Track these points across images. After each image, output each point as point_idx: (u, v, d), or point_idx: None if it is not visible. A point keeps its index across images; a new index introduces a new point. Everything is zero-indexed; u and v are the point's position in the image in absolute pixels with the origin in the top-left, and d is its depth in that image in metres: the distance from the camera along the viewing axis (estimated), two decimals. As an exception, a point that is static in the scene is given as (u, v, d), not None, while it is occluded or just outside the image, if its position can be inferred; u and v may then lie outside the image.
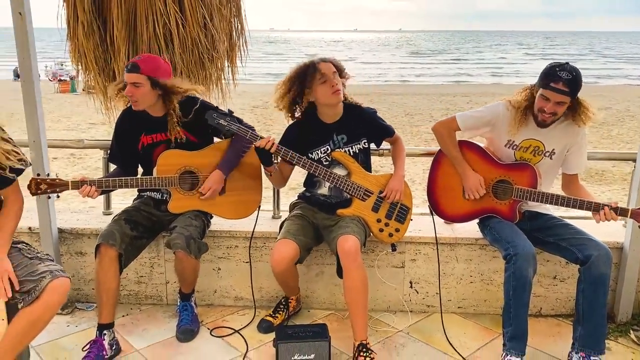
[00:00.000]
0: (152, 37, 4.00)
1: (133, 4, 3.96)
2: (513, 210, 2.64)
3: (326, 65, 2.63)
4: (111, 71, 4.28)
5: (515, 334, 2.44)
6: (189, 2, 4.02)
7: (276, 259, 2.54)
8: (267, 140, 2.55)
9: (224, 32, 4.34)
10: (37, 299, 2.09)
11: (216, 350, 2.66)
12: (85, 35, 4.08)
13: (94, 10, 4.05)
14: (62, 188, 2.50)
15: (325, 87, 2.60)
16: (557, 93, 2.39)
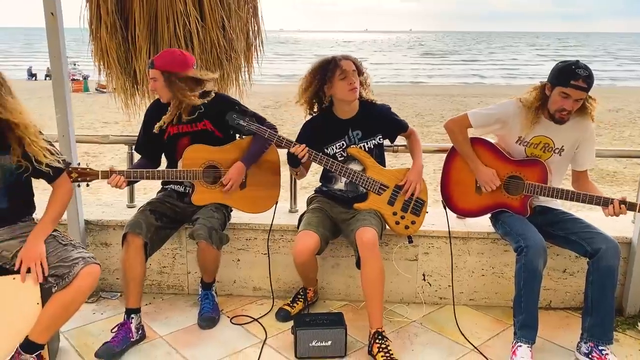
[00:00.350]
0: (172, 37, 4.13)
1: (154, 5, 4.09)
2: (524, 205, 2.73)
3: (347, 62, 2.73)
4: (132, 70, 4.42)
5: (525, 323, 2.52)
6: (208, 4, 4.15)
7: (299, 249, 2.64)
8: (301, 148, 2.67)
9: (241, 32, 4.47)
10: (70, 284, 2.22)
11: (236, 337, 2.77)
12: (109, 35, 4.22)
13: (117, 11, 4.19)
14: (92, 177, 2.63)
15: (344, 83, 2.70)
16: (579, 90, 2.48)
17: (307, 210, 2.90)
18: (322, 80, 2.73)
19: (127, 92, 4.50)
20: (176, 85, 2.76)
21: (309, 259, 2.70)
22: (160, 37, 4.15)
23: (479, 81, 31.10)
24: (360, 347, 2.67)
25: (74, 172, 2.60)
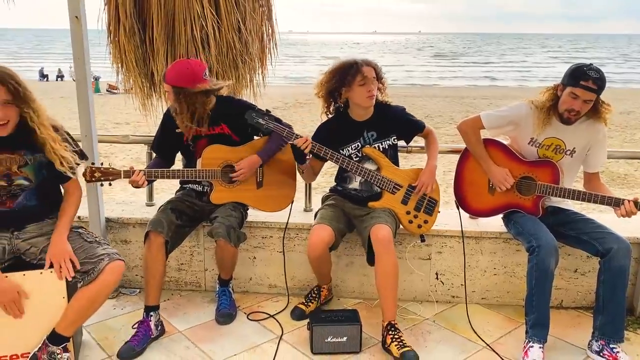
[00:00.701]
0: (189, 40, 4.21)
1: (172, 8, 4.18)
2: (536, 205, 2.78)
3: (368, 69, 2.77)
4: (149, 72, 4.51)
5: (537, 322, 2.57)
6: (225, 7, 4.23)
7: (313, 242, 2.71)
8: (304, 140, 2.73)
9: (256, 35, 4.55)
10: (96, 279, 2.30)
11: (253, 333, 2.84)
12: (127, 38, 4.32)
13: (135, 14, 4.28)
14: (114, 177, 2.70)
15: (363, 89, 2.76)
16: (587, 91, 2.53)
17: (322, 207, 2.97)
18: (341, 82, 2.79)
19: (144, 93, 4.60)
20: (188, 99, 2.82)
21: (323, 252, 2.76)
22: (177, 40, 4.24)
23: (489, 83, 31.01)
24: (374, 344, 2.73)
25: (97, 171, 2.67)
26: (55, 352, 2.32)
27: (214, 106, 2.93)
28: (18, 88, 2.14)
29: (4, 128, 2.18)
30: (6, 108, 2.14)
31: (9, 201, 2.33)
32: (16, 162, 2.30)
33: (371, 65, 2.82)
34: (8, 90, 2.12)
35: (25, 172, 2.33)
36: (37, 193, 2.37)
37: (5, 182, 2.30)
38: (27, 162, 2.32)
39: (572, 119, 2.64)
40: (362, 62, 2.79)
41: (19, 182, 2.32)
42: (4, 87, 2.11)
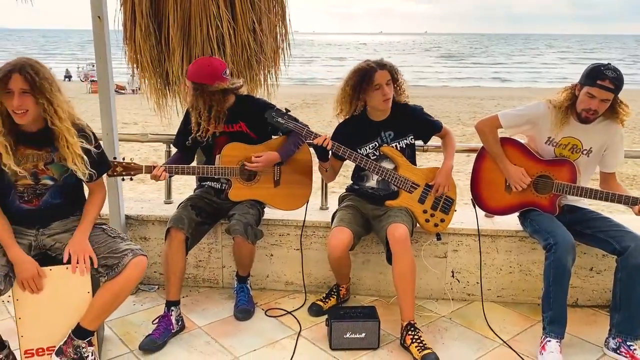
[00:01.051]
0: (205, 40, 4.25)
1: (188, 9, 4.22)
2: (553, 203, 2.80)
3: (382, 74, 2.78)
4: (164, 72, 4.56)
5: (554, 318, 2.59)
6: (240, 8, 4.26)
7: (334, 244, 2.74)
8: (323, 138, 2.77)
9: (270, 35, 4.58)
10: (120, 274, 2.34)
11: (272, 329, 2.87)
12: (143, 38, 4.36)
13: (151, 14, 4.32)
14: (136, 171, 2.75)
15: (378, 94, 2.79)
16: (604, 90, 2.55)
17: (340, 208, 3.00)
18: (358, 90, 2.81)
19: (159, 93, 4.65)
20: (206, 96, 2.87)
21: (343, 255, 2.80)
22: (193, 40, 4.28)
23: (497, 85, 30.93)
24: (392, 340, 2.76)
25: (119, 166, 2.72)
26: (80, 346, 2.37)
27: (233, 104, 2.98)
28: (35, 77, 2.15)
29: (23, 116, 2.20)
30: (23, 97, 2.16)
31: (35, 199, 2.38)
32: (43, 159, 2.34)
33: (385, 68, 2.83)
34: (25, 80, 2.14)
35: (51, 170, 2.36)
36: (62, 191, 2.41)
37: (32, 180, 2.34)
38: (52, 160, 2.36)
39: (590, 118, 2.66)
40: (376, 67, 2.81)
41: (44, 181, 2.36)
42: (21, 77, 2.13)
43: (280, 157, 2.96)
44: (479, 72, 38.75)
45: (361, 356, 2.63)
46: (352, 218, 2.86)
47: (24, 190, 2.34)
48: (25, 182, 2.33)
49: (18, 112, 2.17)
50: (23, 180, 2.32)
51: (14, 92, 2.13)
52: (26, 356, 2.40)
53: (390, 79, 2.83)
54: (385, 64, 2.85)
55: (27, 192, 2.35)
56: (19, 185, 2.33)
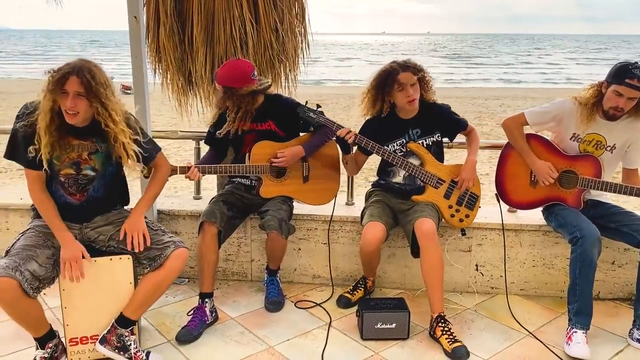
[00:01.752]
0: (228, 40, 4.34)
1: (212, 9, 4.30)
2: (578, 198, 2.87)
3: (405, 75, 2.84)
4: (187, 71, 4.65)
5: (580, 310, 2.66)
6: (263, 8, 4.35)
7: (368, 239, 2.81)
8: (347, 130, 2.85)
9: (292, 34, 4.67)
10: (162, 265, 2.43)
11: (302, 320, 2.96)
12: (167, 37, 4.45)
13: (175, 14, 4.41)
14: (172, 172, 2.83)
15: (402, 95, 2.86)
16: (632, 89, 2.62)
17: (368, 204, 3.07)
18: (382, 91, 2.89)
19: (181, 92, 4.74)
20: (235, 98, 2.96)
21: (377, 249, 2.88)
22: (216, 40, 4.37)
23: (501, 85, 30.95)
24: (420, 331, 2.84)
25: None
26: (123, 335, 2.45)
27: (262, 104, 3.06)
28: (91, 82, 2.23)
29: (73, 117, 2.28)
30: (77, 99, 2.24)
31: (79, 194, 2.46)
32: (87, 149, 2.43)
33: (409, 69, 2.86)
34: (81, 83, 2.22)
35: (94, 161, 2.45)
36: (105, 184, 2.50)
37: (73, 170, 2.43)
38: (97, 150, 2.44)
39: (617, 115, 2.73)
40: (399, 69, 2.85)
41: (85, 172, 2.45)
42: (78, 79, 2.21)
43: (304, 150, 3.05)
44: (483, 73, 38.77)
45: (391, 346, 2.71)
46: (382, 212, 2.94)
47: (65, 181, 2.44)
48: (68, 172, 2.42)
49: (70, 112, 2.27)
50: (66, 170, 2.42)
51: (69, 94, 2.22)
52: (71, 344, 2.49)
53: (415, 80, 2.87)
54: (409, 65, 2.88)
55: (69, 182, 2.44)
56: (62, 175, 2.42)
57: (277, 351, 2.66)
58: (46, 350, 2.40)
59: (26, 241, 2.35)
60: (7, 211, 3.43)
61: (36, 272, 2.24)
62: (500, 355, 2.65)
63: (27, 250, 2.29)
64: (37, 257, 2.28)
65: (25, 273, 2.20)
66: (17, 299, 2.18)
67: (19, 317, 2.29)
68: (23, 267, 2.20)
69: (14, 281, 2.15)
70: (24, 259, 2.24)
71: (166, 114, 11.88)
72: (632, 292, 3.07)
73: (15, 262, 2.20)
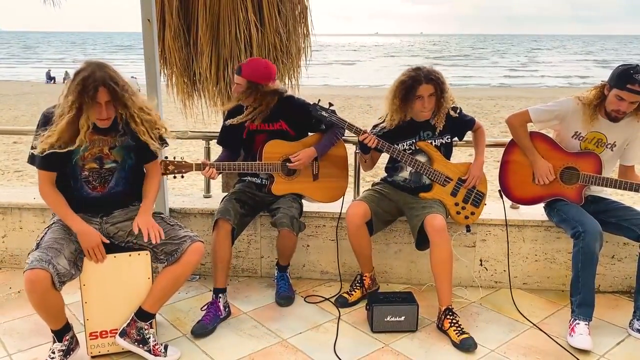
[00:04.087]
0: (233, 42, 4.43)
1: (217, 12, 4.39)
2: (579, 194, 2.97)
3: (426, 87, 2.88)
4: (192, 72, 4.73)
5: (583, 301, 2.76)
6: (268, 10, 4.44)
7: (350, 215, 2.98)
8: (369, 136, 2.94)
9: (295, 36, 4.76)
10: (179, 259, 2.50)
11: (313, 314, 3.04)
12: (172, 38, 4.53)
13: (181, 15, 4.49)
14: (187, 169, 2.90)
15: (419, 104, 2.92)
16: (634, 94, 2.71)
17: (368, 190, 3.19)
18: (405, 101, 2.92)
19: (186, 92, 4.82)
20: (258, 94, 3.03)
21: (360, 226, 2.98)
22: (221, 42, 4.45)
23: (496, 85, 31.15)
24: (428, 324, 2.93)
25: (170, 164, 2.86)
26: (143, 328, 2.53)
27: (275, 104, 3.14)
28: (116, 89, 2.34)
29: (107, 122, 2.43)
30: (108, 107, 2.37)
31: (100, 187, 2.54)
32: (107, 144, 2.52)
33: (432, 82, 2.88)
34: (109, 92, 2.32)
35: (115, 155, 2.55)
36: (127, 178, 2.59)
37: (97, 164, 2.52)
38: (116, 144, 2.54)
39: (619, 117, 2.84)
40: (423, 79, 2.87)
41: (108, 165, 2.55)
42: (106, 89, 2.31)
43: (317, 151, 3.14)
44: (478, 73, 38.99)
45: (401, 338, 2.80)
46: (374, 198, 3.06)
47: (89, 175, 2.52)
48: (91, 166, 2.52)
49: (103, 119, 2.38)
50: (89, 164, 2.51)
51: (101, 104, 2.33)
52: (91, 338, 2.56)
53: (433, 92, 2.92)
54: (432, 78, 2.89)
55: (93, 176, 2.53)
56: (86, 169, 2.51)
57: (291, 344, 2.74)
58: (63, 342, 2.48)
59: (54, 234, 2.44)
60: (20, 210, 3.49)
61: (65, 266, 2.33)
62: (506, 346, 2.74)
63: (55, 243, 2.38)
64: (64, 251, 2.37)
65: (57, 266, 2.29)
66: (47, 291, 2.26)
67: (45, 308, 2.36)
68: (54, 261, 2.29)
69: (47, 273, 2.24)
70: (54, 253, 2.33)
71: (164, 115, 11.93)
72: (631, 285, 3.17)
73: (47, 255, 2.30)
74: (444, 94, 2.95)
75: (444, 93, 2.95)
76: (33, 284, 2.22)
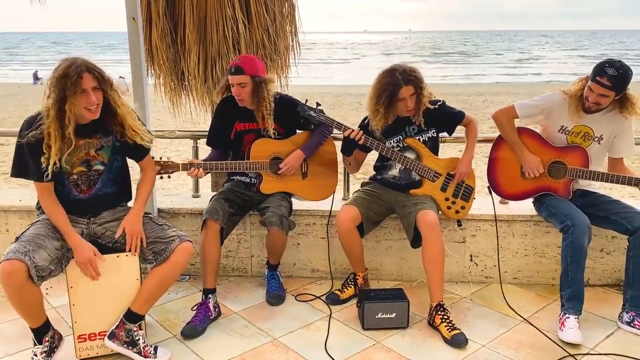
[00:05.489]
0: (221, 40, 4.40)
1: (204, 9, 4.36)
2: (567, 188, 2.99)
3: (407, 89, 2.88)
4: (180, 71, 4.69)
5: (572, 295, 2.77)
6: (255, 8, 4.42)
7: (340, 218, 2.96)
8: (355, 132, 2.93)
9: (283, 34, 4.74)
10: (167, 259, 2.49)
11: (304, 312, 3.03)
12: (159, 37, 4.49)
13: (168, 14, 4.46)
14: (174, 169, 2.88)
15: (402, 106, 2.94)
16: (601, 86, 2.74)
17: (358, 192, 3.17)
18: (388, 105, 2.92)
19: (174, 91, 4.78)
20: (263, 89, 3.01)
21: (350, 229, 2.97)
22: (209, 40, 4.42)
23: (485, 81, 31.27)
24: (419, 320, 2.93)
25: (157, 164, 2.84)
26: (132, 329, 2.51)
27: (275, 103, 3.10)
28: (101, 73, 2.33)
29: (96, 111, 2.36)
30: (96, 93, 2.33)
31: (87, 189, 2.52)
32: (94, 146, 2.49)
33: (411, 83, 2.89)
34: (95, 77, 2.30)
35: (102, 156, 2.52)
36: (114, 179, 2.56)
37: (85, 167, 2.49)
38: (102, 145, 2.51)
39: (591, 108, 2.86)
40: (402, 82, 2.87)
41: (96, 167, 2.52)
42: (91, 75, 2.29)
43: (305, 153, 3.13)
44: (466, 69, 39.12)
45: (392, 334, 2.80)
46: (365, 201, 3.05)
47: (78, 179, 2.49)
48: (80, 170, 2.49)
49: (92, 107, 2.32)
50: (77, 168, 2.48)
51: (88, 90, 2.28)
52: (79, 341, 2.54)
53: (414, 92, 2.92)
54: (411, 79, 2.90)
55: (81, 179, 2.50)
56: (75, 173, 2.48)
57: (282, 342, 2.73)
58: (44, 344, 2.45)
59: (36, 230, 2.40)
60: (6, 213, 3.44)
61: (44, 261, 2.29)
62: (497, 340, 2.74)
63: (36, 238, 2.34)
64: (45, 247, 2.33)
65: (34, 259, 2.25)
66: (23, 284, 2.22)
67: (21, 302, 2.32)
68: (32, 254, 2.26)
69: (23, 265, 2.21)
70: (33, 246, 2.29)
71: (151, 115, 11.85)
72: (620, 278, 3.20)
73: (25, 247, 2.26)
74: (423, 91, 2.96)
75: (423, 90, 2.96)
76: (9, 276, 2.19)
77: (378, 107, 2.94)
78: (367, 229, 3.07)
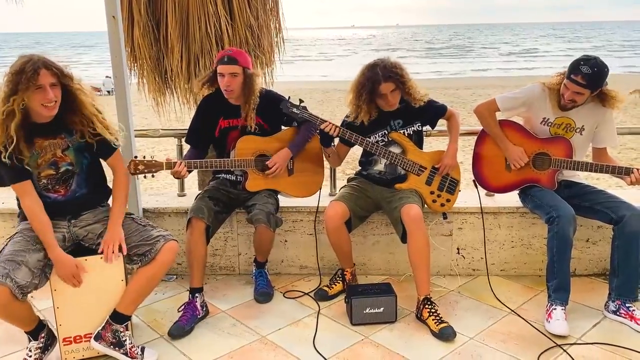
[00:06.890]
0: (204, 36, 4.37)
1: (186, 6, 4.33)
2: (552, 179, 3.00)
3: (386, 85, 2.87)
4: (163, 69, 4.66)
5: (559, 286, 2.78)
6: (237, 4, 4.39)
7: (329, 215, 2.94)
8: (329, 124, 2.91)
9: (267, 30, 4.71)
10: (153, 259, 2.46)
11: (292, 309, 3.02)
12: (142, 35, 4.46)
13: (149, 12, 4.42)
14: (157, 168, 2.85)
15: (382, 101, 2.94)
16: (575, 84, 2.75)
17: (344, 186, 3.17)
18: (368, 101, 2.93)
19: (157, 90, 4.75)
20: (252, 82, 3.00)
21: (339, 225, 2.96)
22: (192, 37, 4.39)
23: (474, 75, 31.39)
24: (407, 314, 2.93)
25: (140, 164, 2.80)
26: (118, 330, 2.49)
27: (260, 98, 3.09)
28: (60, 69, 2.30)
29: (53, 109, 2.32)
30: (54, 89, 2.29)
31: (62, 189, 2.48)
32: (59, 146, 2.46)
33: (390, 80, 2.86)
34: (53, 74, 2.27)
35: (69, 156, 2.48)
36: (87, 180, 2.53)
37: (53, 170, 2.46)
38: (68, 145, 2.47)
39: (567, 105, 2.87)
40: (381, 78, 2.85)
41: (64, 168, 2.48)
42: (49, 71, 2.26)
43: (292, 152, 3.11)
44: (454, 63, 39.24)
45: (381, 329, 2.80)
46: (352, 197, 3.04)
47: (47, 183, 2.46)
48: (48, 173, 2.45)
49: (50, 104, 2.28)
50: (45, 172, 2.44)
51: (45, 87, 2.25)
52: (64, 344, 2.51)
53: (394, 88, 2.91)
54: (391, 75, 2.87)
55: (51, 182, 2.47)
56: (42, 177, 2.44)
57: (270, 340, 2.72)
58: (40, 340, 2.46)
59: (15, 246, 2.36)
60: (-11, 216, 3.41)
61: (26, 278, 2.26)
62: (485, 333, 2.75)
63: (15, 256, 2.30)
64: (26, 262, 2.30)
65: (16, 279, 2.22)
66: (8, 304, 2.21)
67: (10, 317, 2.33)
68: (13, 274, 2.22)
69: (5, 288, 2.18)
70: (12, 265, 2.25)
71: (137, 114, 11.79)
72: (606, 267, 3.22)
73: (5, 268, 2.22)
74: (406, 85, 2.94)
75: (406, 85, 2.93)
76: None
77: (359, 103, 2.93)
78: (354, 224, 3.07)
